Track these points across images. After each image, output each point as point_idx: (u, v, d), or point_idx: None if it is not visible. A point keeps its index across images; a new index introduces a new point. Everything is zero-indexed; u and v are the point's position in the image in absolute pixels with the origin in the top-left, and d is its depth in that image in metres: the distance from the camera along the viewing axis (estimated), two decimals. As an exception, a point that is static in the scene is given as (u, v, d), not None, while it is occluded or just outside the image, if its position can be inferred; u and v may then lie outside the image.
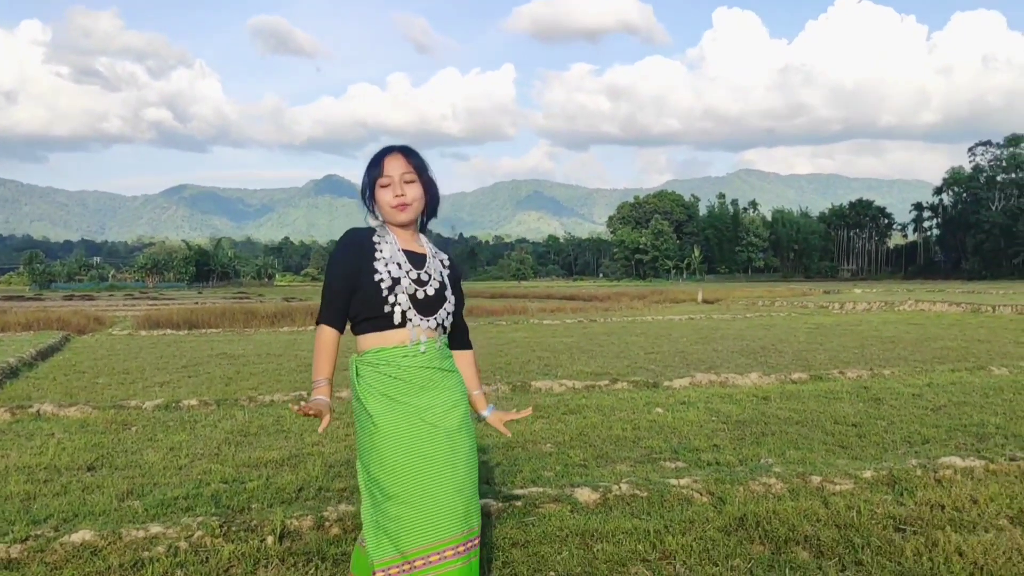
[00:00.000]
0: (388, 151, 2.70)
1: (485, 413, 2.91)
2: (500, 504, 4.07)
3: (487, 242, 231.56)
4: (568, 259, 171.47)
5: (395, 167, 2.66)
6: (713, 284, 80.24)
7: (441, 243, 2.79)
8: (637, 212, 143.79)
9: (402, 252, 2.68)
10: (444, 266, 2.78)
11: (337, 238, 2.77)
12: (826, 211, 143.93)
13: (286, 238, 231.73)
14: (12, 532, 3.60)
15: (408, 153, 2.70)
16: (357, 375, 2.62)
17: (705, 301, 33.58)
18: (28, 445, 5.92)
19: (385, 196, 2.66)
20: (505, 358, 11.64)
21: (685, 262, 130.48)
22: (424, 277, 2.66)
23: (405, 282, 2.61)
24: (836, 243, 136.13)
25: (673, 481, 4.46)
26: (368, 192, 2.71)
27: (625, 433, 6.23)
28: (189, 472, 5.13)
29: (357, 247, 2.66)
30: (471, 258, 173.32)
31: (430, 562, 2.47)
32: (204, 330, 19.35)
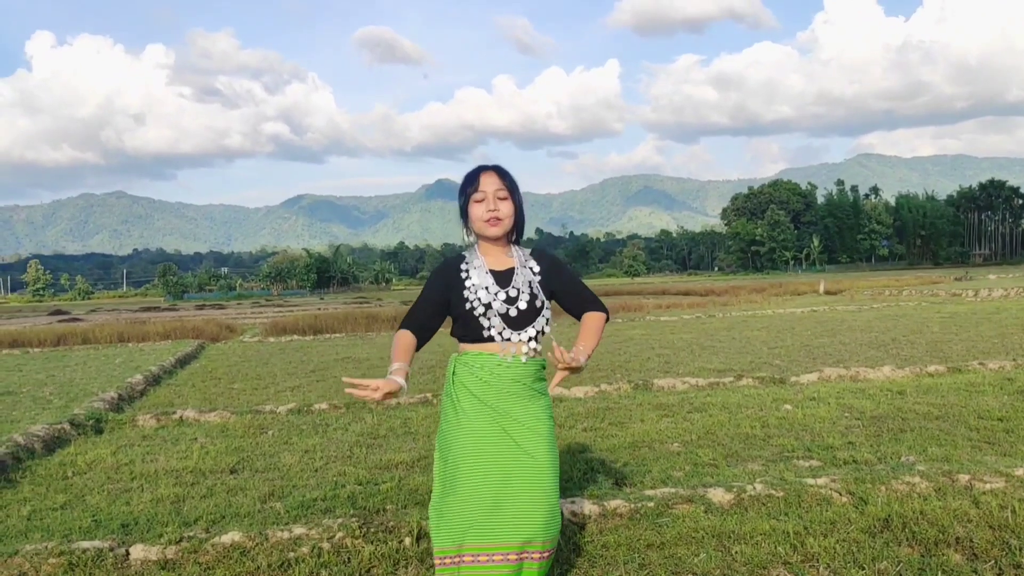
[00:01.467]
0: (483, 169, 2.83)
1: (580, 356, 2.78)
2: (632, 505, 4.03)
3: (598, 239, 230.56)
4: (682, 253, 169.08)
5: (490, 183, 2.80)
6: (835, 274, 77.58)
7: (551, 242, 2.80)
8: (752, 203, 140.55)
9: (489, 274, 2.80)
10: (534, 273, 2.85)
11: (450, 241, 2.83)
12: (954, 194, 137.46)
13: (401, 243, 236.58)
14: (167, 533, 3.78)
15: (501, 172, 2.83)
16: (453, 372, 2.79)
17: (827, 292, 32.53)
18: (174, 450, 6.22)
19: (478, 211, 2.80)
20: (624, 356, 11.56)
21: (804, 252, 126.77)
22: (513, 293, 2.77)
23: (496, 304, 2.75)
24: (966, 227, 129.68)
25: (810, 480, 4.32)
26: (464, 208, 2.85)
27: (754, 431, 6.08)
28: (325, 474, 5.29)
29: (446, 277, 2.83)
30: (583, 256, 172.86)
31: (479, 561, 2.61)
32: (328, 335, 19.93)
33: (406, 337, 2.78)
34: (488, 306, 2.75)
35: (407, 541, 3.72)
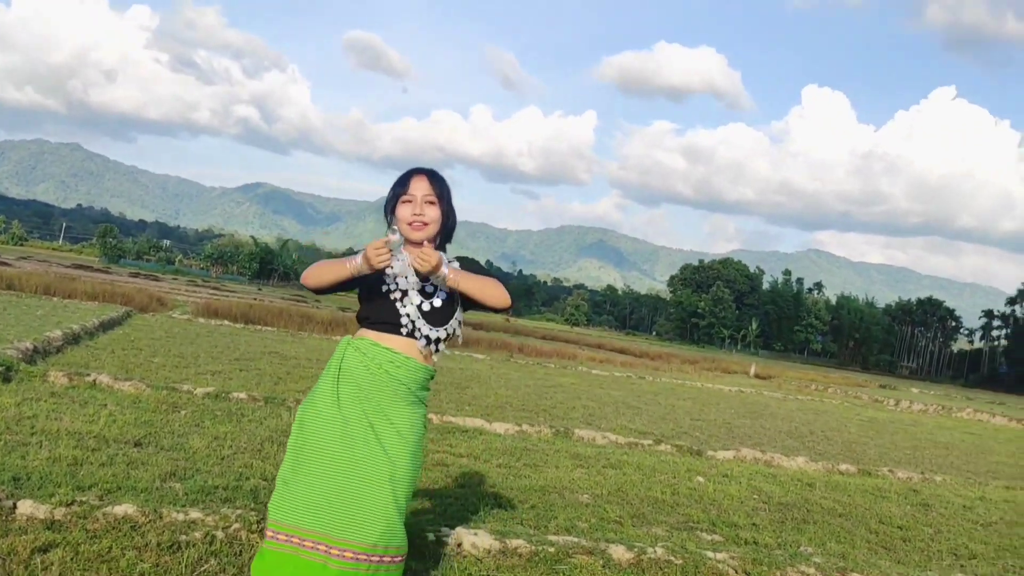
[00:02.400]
0: (416, 172, 2.84)
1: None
2: (532, 547, 4.03)
3: (546, 282, 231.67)
4: (624, 312, 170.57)
5: (419, 187, 2.79)
6: (767, 360, 79.02)
7: (499, 277, 2.85)
8: (699, 275, 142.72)
9: (411, 267, 2.74)
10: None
11: None
12: (892, 304, 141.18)
13: (350, 248, 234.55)
14: (58, 494, 3.67)
15: (433, 177, 2.83)
16: (343, 355, 2.73)
17: (757, 376, 33.06)
18: (81, 412, 6.05)
19: (404, 212, 2.78)
20: (550, 401, 11.59)
21: (741, 333, 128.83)
22: (429, 289, 2.78)
23: (412, 294, 2.74)
24: (899, 338, 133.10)
25: (709, 554, 4.37)
26: (391, 207, 2.84)
27: (664, 496, 6.14)
28: (231, 463, 5.20)
29: None
30: (527, 295, 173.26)
31: (279, 539, 2.52)
32: (259, 327, 19.63)
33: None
34: (405, 293, 2.74)
35: (303, 544, 3.66)
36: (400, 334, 2.74)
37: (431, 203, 2.79)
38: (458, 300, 2.82)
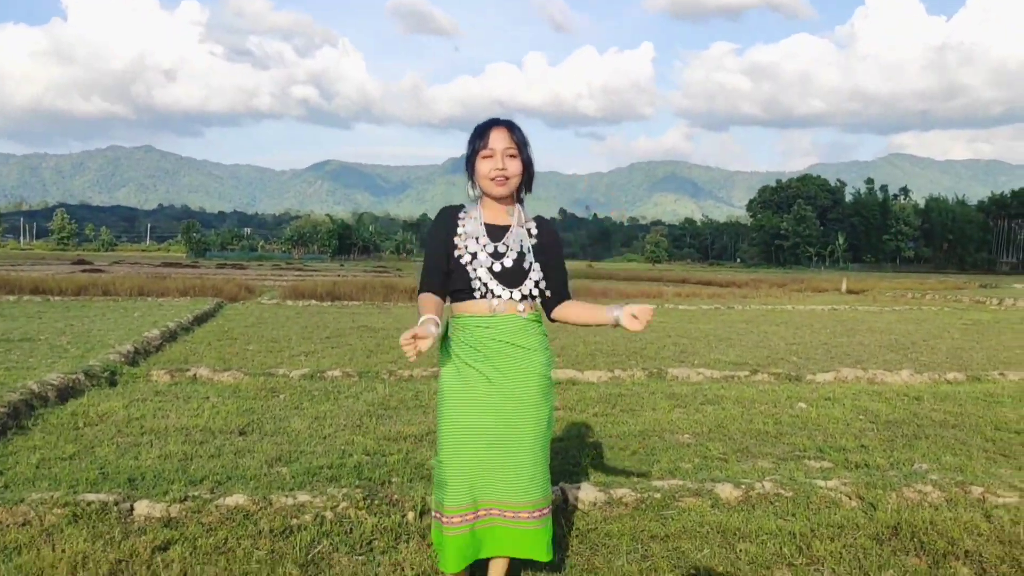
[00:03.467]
0: (494, 123, 2.75)
1: (617, 313, 2.75)
2: (638, 495, 4.00)
3: (621, 223, 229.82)
4: (705, 243, 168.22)
5: (499, 140, 2.71)
6: (859, 274, 77.01)
7: (574, 223, 2.77)
8: (779, 196, 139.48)
9: (483, 226, 2.76)
10: (531, 235, 2.82)
11: None
12: (985, 199, 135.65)
13: (424, 214, 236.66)
14: (172, 491, 3.79)
15: (512, 128, 2.75)
16: (448, 335, 2.80)
17: (850, 291, 32.26)
18: (186, 407, 6.24)
19: (485, 167, 2.73)
20: (639, 343, 11.50)
21: (828, 249, 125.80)
22: (502, 248, 2.73)
23: (482, 256, 2.71)
24: (995, 234, 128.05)
25: (820, 482, 4.27)
26: (470, 162, 2.77)
27: (767, 427, 6.03)
28: (333, 442, 5.29)
29: (444, 225, 2.78)
30: (604, 239, 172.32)
31: (466, 520, 2.66)
32: (346, 302, 19.97)
33: (431, 297, 2.74)
34: (474, 256, 2.71)
35: (410, 516, 3.71)
36: (476, 298, 2.72)
37: (512, 156, 2.72)
38: (532, 258, 2.77)
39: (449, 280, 2.74)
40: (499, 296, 2.71)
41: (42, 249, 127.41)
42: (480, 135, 2.74)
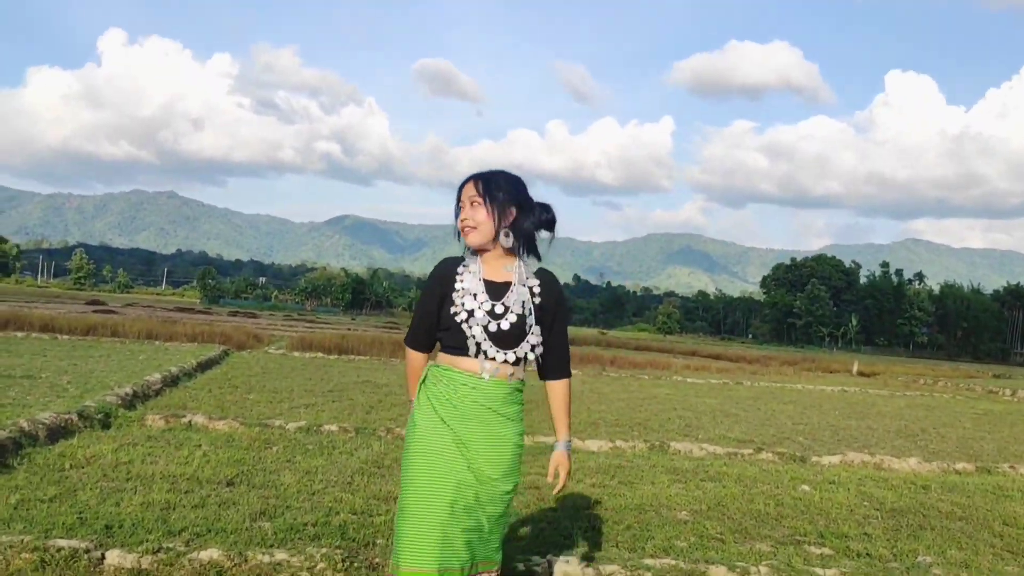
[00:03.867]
0: (468, 179, 2.75)
1: (559, 447, 2.87)
2: (628, 572, 3.86)
3: (635, 292, 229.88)
4: (717, 317, 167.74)
5: (466, 191, 2.72)
6: (870, 357, 76.42)
7: (587, 290, 2.71)
8: (793, 274, 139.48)
9: (482, 282, 2.69)
10: (534, 294, 2.73)
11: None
12: (1001, 289, 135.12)
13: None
14: (148, 541, 3.68)
15: (479, 179, 2.72)
16: (424, 381, 2.72)
17: (861, 374, 31.94)
18: (176, 454, 6.13)
19: (460, 219, 2.74)
20: (644, 414, 11.34)
21: (841, 331, 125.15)
22: (500, 309, 2.65)
23: (479, 314, 2.63)
24: (1010, 324, 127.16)
25: (819, 571, 4.12)
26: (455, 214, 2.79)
27: (767, 509, 5.87)
28: (321, 498, 5.17)
29: (442, 277, 2.72)
30: (617, 307, 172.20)
31: None
32: (353, 356, 19.89)
33: (417, 361, 2.78)
34: (471, 314, 2.63)
35: (390, 581, 3.57)
36: (468, 355, 2.65)
37: (476, 204, 2.69)
38: (533, 320, 2.69)
39: (441, 335, 2.71)
40: (492, 359, 2.64)
41: (58, 288, 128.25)
42: (458, 193, 2.77)
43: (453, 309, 2.64)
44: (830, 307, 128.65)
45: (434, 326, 2.70)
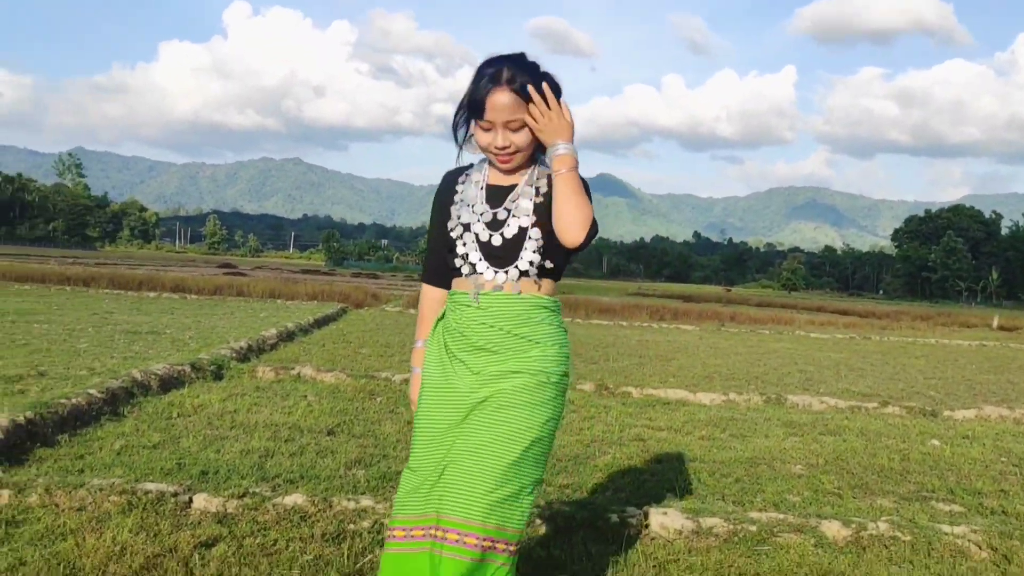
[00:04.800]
0: (495, 82, 2.10)
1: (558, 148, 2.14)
2: (731, 526, 3.60)
3: (758, 249, 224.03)
4: (845, 272, 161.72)
5: (500, 111, 2.11)
6: (1013, 311, 72.12)
7: (708, 247, 2.28)
8: (927, 227, 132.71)
9: (484, 189, 2.24)
10: (538, 193, 2.21)
11: (606, 236, 2.38)
12: None
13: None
14: (235, 486, 3.66)
15: (520, 87, 2.10)
16: (442, 316, 2.32)
17: (1002, 328, 30.09)
18: (281, 404, 6.19)
19: (484, 140, 2.18)
20: (762, 368, 10.91)
21: (980, 284, 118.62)
22: (502, 215, 2.19)
23: (477, 227, 2.20)
24: None
25: (946, 528, 3.75)
26: (464, 118, 2.21)
27: (892, 463, 5.47)
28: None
29: (444, 194, 2.33)
30: (739, 264, 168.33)
31: (412, 535, 2.13)
32: (467, 313, 19.97)
33: (431, 297, 2.38)
34: (467, 227, 2.21)
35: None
36: (463, 275, 2.24)
37: (518, 128, 2.14)
38: (533, 221, 2.18)
39: (448, 256, 2.30)
40: (481, 274, 2.20)
41: (194, 252, 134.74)
42: (478, 104, 2.13)
43: (449, 224, 2.25)
44: (968, 260, 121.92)
45: (444, 248, 2.29)
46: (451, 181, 2.33)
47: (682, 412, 6.95)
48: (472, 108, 2.16)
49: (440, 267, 2.33)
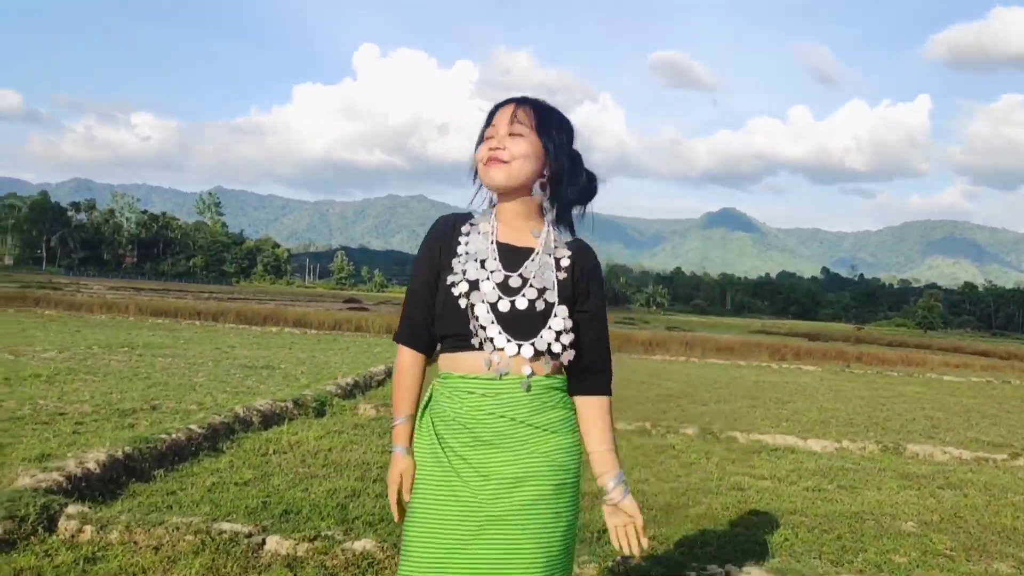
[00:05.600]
0: (505, 102, 1.99)
1: (610, 484, 1.91)
2: (823, 590, 3.36)
3: (891, 285, 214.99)
4: (987, 311, 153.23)
5: (505, 115, 1.95)
6: None
7: (837, 283, 2.04)
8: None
9: (495, 245, 1.93)
10: (560, 267, 1.95)
11: (731, 271, 2.11)
12: None
13: (678, 268, 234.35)
14: (305, 529, 3.66)
15: (527, 103, 1.97)
16: (428, 401, 1.95)
17: None
18: (377, 443, 6.20)
19: (481, 151, 1.96)
20: (884, 413, 10.35)
21: None
22: (516, 282, 1.89)
23: (486, 287, 1.87)
24: None
25: (1068, 601, 3.41)
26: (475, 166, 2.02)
27: (1016, 523, 5.04)
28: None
29: (441, 238, 1.98)
30: (871, 301, 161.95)
31: None
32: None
33: (408, 363, 1.95)
34: (475, 285, 1.88)
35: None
36: (472, 347, 1.88)
37: (518, 135, 1.93)
38: (556, 297, 1.91)
39: (437, 323, 1.95)
40: (501, 349, 1.86)
41: (322, 288, 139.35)
42: (489, 117, 2.00)
43: (451, 279, 1.90)
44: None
45: (430, 305, 1.94)
46: (449, 226, 2.01)
47: (789, 460, 6.64)
48: (484, 126, 2.01)
49: (422, 326, 1.96)
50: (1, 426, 5.62)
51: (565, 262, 1.97)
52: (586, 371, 1.96)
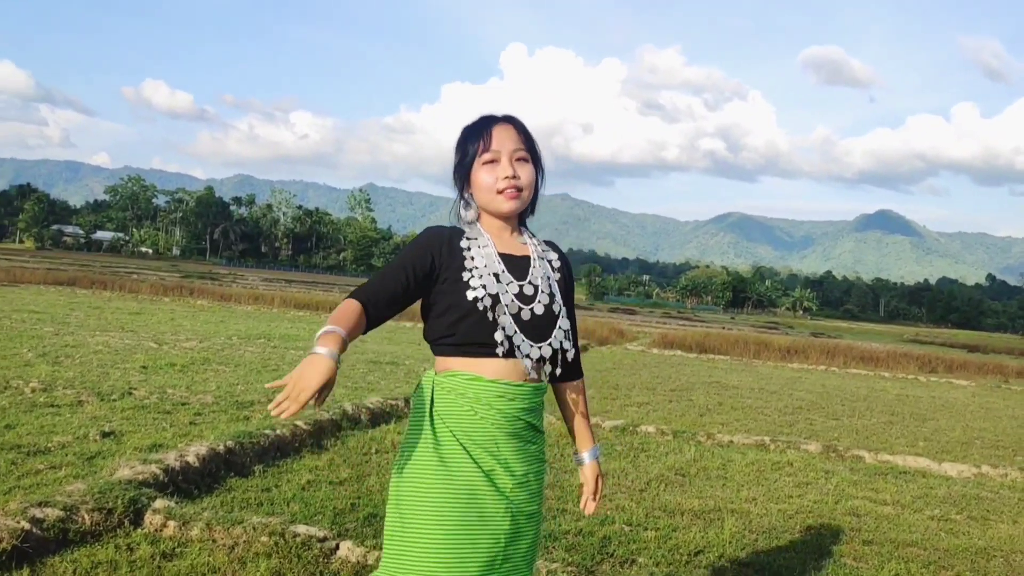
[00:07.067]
0: (494, 120, 2.07)
1: (585, 455, 2.20)
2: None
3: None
4: None
5: (506, 140, 2.03)
6: None
7: (1006, 291, 1.94)
8: None
9: (500, 260, 2.02)
10: (553, 268, 2.13)
11: (885, 276, 2.11)
12: None
13: (829, 272, 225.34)
14: (381, 535, 3.63)
15: (516, 124, 2.08)
16: (433, 399, 1.96)
17: None
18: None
19: (487, 178, 2.02)
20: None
21: None
22: (529, 290, 2.01)
23: (506, 299, 1.96)
24: None
25: None
26: (463, 173, 2.08)
27: None
28: (603, 505, 4.86)
29: (436, 245, 2.00)
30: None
31: None
32: (712, 355, 19.33)
33: (352, 306, 1.88)
34: (496, 299, 1.95)
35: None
36: (497, 355, 1.95)
37: (523, 160, 2.05)
38: (561, 302, 2.07)
39: (449, 327, 1.98)
40: (527, 356, 1.96)
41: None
42: (477, 135, 2.04)
43: (472, 294, 1.94)
44: None
45: (401, 292, 1.93)
46: (445, 239, 2.04)
47: (917, 484, 6.18)
48: (473, 141, 2.05)
49: (384, 300, 1.92)
50: (125, 414, 5.90)
51: (556, 263, 2.16)
52: (576, 361, 2.14)
